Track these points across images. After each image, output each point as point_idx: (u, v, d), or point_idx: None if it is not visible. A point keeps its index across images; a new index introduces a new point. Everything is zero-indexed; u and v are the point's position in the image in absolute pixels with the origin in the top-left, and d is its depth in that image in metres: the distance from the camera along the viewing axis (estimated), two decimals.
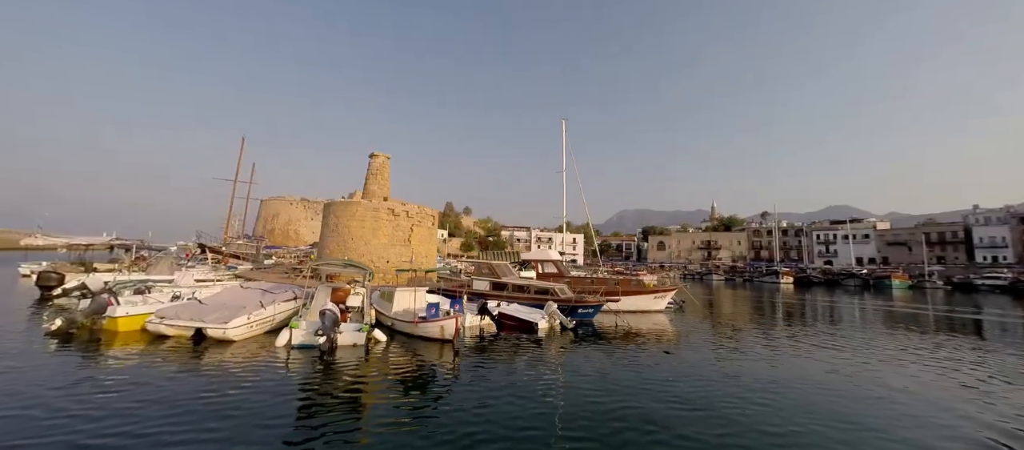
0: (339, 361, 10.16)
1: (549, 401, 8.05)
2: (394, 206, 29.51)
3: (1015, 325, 21.13)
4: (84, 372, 8.37)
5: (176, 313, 11.08)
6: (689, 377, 9.99)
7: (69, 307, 15.39)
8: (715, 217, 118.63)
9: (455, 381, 9.24)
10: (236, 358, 9.98)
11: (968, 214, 69.63)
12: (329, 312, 10.87)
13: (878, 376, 10.58)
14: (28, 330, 11.50)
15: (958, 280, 59.12)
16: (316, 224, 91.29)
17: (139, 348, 10.23)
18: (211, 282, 17.41)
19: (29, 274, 23.02)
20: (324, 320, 10.56)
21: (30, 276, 22.71)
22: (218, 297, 13.01)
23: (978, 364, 12.08)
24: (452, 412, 7.30)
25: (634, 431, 6.73)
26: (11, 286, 21.13)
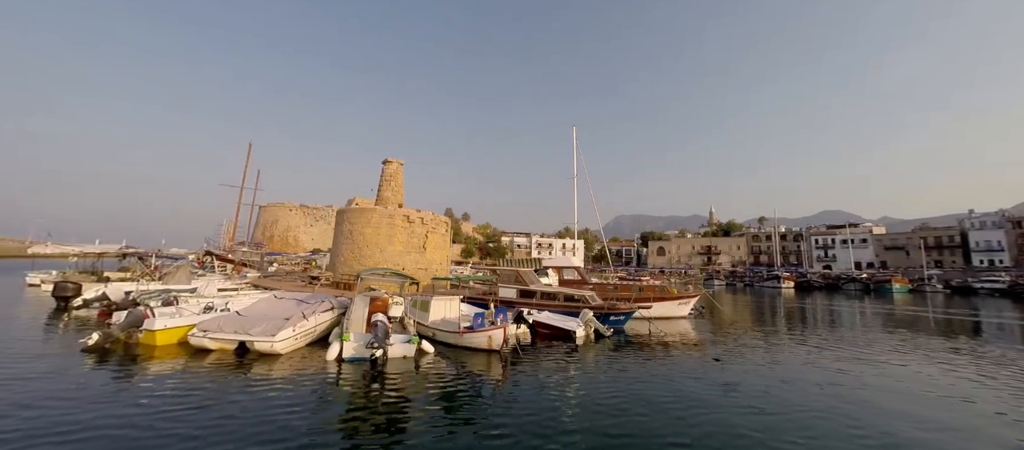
0: (390, 374, 9.85)
1: (632, 416, 7.70)
2: (409, 213, 29.19)
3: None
4: (135, 393, 7.80)
5: (218, 326, 10.66)
6: (762, 386, 9.80)
7: (97, 321, 14.93)
8: (714, 222, 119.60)
9: (510, 393, 8.92)
10: (285, 372, 9.58)
11: (964, 218, 70.93)
12: (381, 324, 10.56)
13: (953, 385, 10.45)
14: (61, 346, 10.90)
15: (957, 284, 60.02)
16: (315, 231, 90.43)
17: (181, 363, 9.75)
18: (235, 292, 16.95)
19: (38, 284, 22.26)
20: (377, 332, 10.25)
21: (39, 285, 21.95)
22: (255, 308, 12.59)
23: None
24: (517, 427, 6.96)
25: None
26: (18, 296, 20.37)
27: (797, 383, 10.20)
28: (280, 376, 9.32)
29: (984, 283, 56.30)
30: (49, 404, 7.08)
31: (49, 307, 17.05)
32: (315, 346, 11.79)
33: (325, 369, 9.97)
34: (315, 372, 9.78)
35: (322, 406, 7.69)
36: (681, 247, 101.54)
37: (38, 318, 14.77)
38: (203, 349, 10.49)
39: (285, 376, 9.35)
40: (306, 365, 10.20)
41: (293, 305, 13.24)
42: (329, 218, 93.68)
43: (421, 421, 7.21)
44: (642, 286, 23.16)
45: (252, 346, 10.24)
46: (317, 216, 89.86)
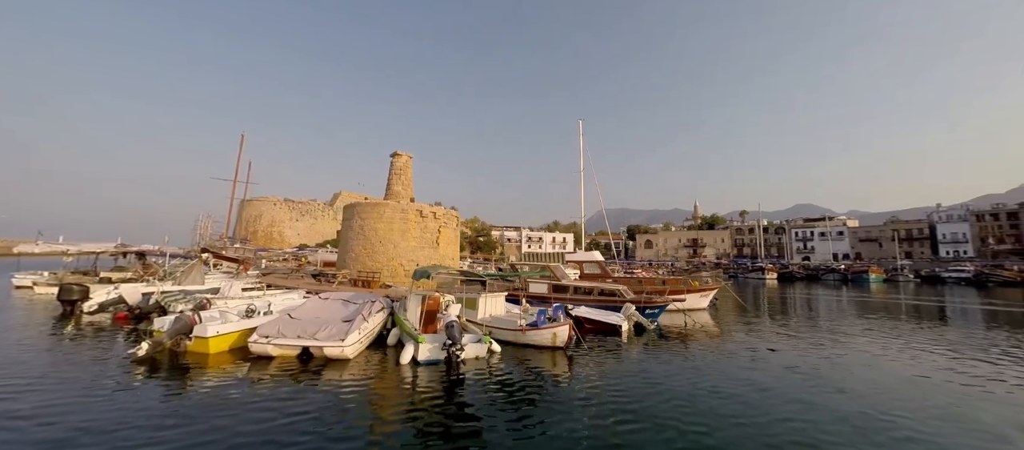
0: (467, 375, 9.57)
1: (722, 412, 7.61)
2: (422, 208, 28.54)
3: (996, 314, 22.68)
4: (231, 407, 7.07)
5: (279, 330, 10.02)
6: (832, 377, 10.01)
7: (116, 325, 13.85)
8: (698, 216, 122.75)
9: (589, 389, 8.82)
10: (359, 377, 9.11)
11: (932, 212, 75.35)
12: (455, 324, 10.22)
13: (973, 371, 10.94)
14: (100, 357, 9.93)
15: (926, 273, 63.81)
16: (301, 225, 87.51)
17: (246, 371, 9.08)
18: (260, 293, 16.11)
19: (30, 286, 20.45)
20: (453, 332, 9.91)
21: (32, 288, 20.17)
22: (304, 311, 11.93)
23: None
24: (607, 426, 6.87)
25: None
26: (6, 301, 18.70)
27: (844, 366, 10.57)
28: (356, 382, 8.86)
29: (951, 273, 59.97)
30: (145, 425, 6.42)
31: (48, 312, 15.64)
32: (370, 349, 11.33)
33: (400, 372, 9.58)
34: (390, 376, 9.38)
35: (414, 412, 7.33)
36: (668, 240, 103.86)
37: (43, 325, 13.48)
38: (264, 356, 9.85)
39: (362, 381, 8.90)
40: (377, 369, 9.76)
41: (340, 305, 12.68)
42: (315, 212, 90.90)
43: (516, 423, 6.98)
44: (665, 279, 23.46)
45: (320, 351, 9.69)
46: (303, 210, 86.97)
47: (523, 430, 6.71)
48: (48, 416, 6.56)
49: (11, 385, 7.80)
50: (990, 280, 53.90)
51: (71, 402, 7.15)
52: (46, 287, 19.86)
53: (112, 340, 11.65)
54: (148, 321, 13.81)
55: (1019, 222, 64.89)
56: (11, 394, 7.42)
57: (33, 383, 7.98)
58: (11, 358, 9.58)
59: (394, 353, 11.18)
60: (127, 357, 9.52)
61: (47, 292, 19.61)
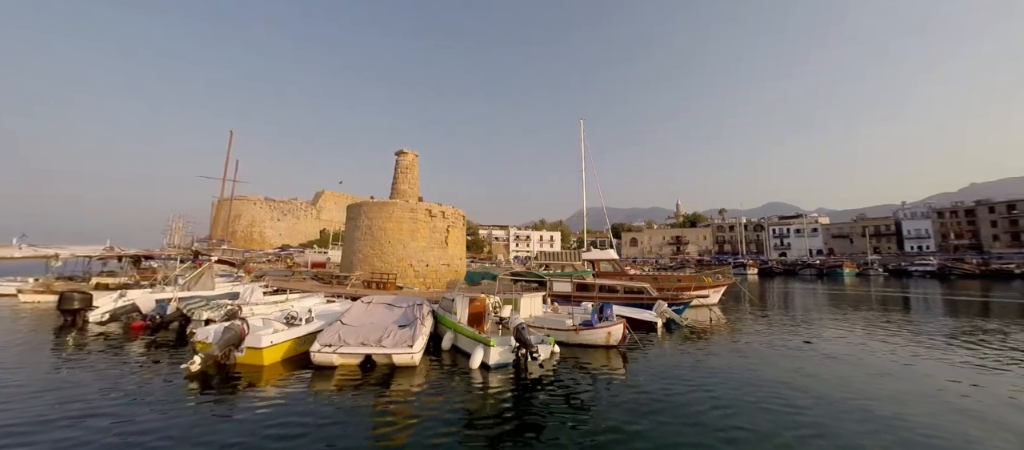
0: (536, 377, 9.41)
1: (795, 404, 7.82)
2: (431, 207, 27.97)
3: (963, 304, 24.45)
4: (318, 432, 6.43)
5: (340, 338, 9.49)
6: (875, 363, 10.37)
7: (131, 335, 12.84)
8: (680, 214, 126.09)
9: (650, 387, 8.86)
10: (433, 385, 8.72)
11: (897, 209, 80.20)
12: (523, 325, 10.01)
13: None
14: (139, 373, 9.03)
15: (893, 267, 67.79)
16: (283, 225, 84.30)
17: (310, 384, 8.57)
18: (283, 298, 15.34)
19: (15, 293, 18.57)
20: (524, 335, 9.69)
21: (15, 295, 18.34)
22: (354, 317, 11.35)
23: None
24: (678, 427, 6.92)
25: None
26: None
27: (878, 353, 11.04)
28: (434, 390, 8.50)
29: (917, 267, 63.95)
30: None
31: (43, 323, 14.28)
32: (424, 355, 10.96)
33: (470, 378, 9.28)
34: (463, 382, 9.06)
35: (506, 419, 7.12)
36: (652, 238, 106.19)
37: (47, 338, 12.24)
38: (325, 366, 9.31)
39: (438, 389, 8.54)
40: (444, 375, 9.42)
41: (386, 310, 12.21)
42: (297, 212, 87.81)
43: (601, 425, 6.93)
44: (680, 277, 23.91)
45: (388, 359, 9.25)
46: (284, 210, 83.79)
47: (617, 434, 6.63)
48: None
49: (71, 411, 6.97)
50: (952, 273, 57.81)
51: (148, 429, 6.48)
52: (33, 295, 18.18)
53: (142, 353, 10.75)
54: (165, 330, 12.92)
55: (975, 219, 69.94)
56: (72, 421, 6.66)
57: (93, 407, 7.13)
58: (49, 380, 8.51)
59: (448, 357, 10.88)
60: (178, 372, 8.77)
61: (34, 300, 17.97)
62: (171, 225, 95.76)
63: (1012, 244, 65.06)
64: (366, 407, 7.56)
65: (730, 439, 6.38)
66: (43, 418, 6.70)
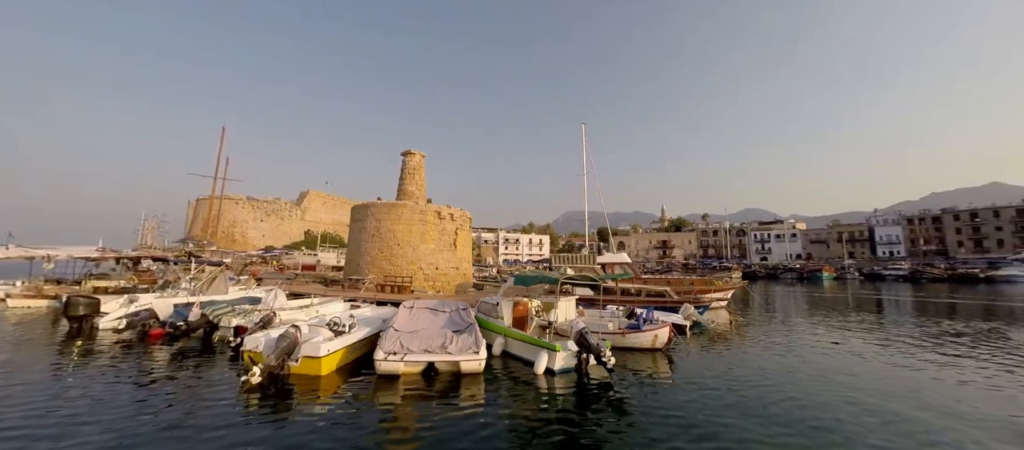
0: (600, 381, 9.33)
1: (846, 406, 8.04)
2: (440, 209, 27.54)
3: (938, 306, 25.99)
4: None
5: (402, 345, 9.12)
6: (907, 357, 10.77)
7: (148, 341, 12.01)
8: (665, 219, 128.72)
9: (703, 387, 9.01)
10: (506, 392, 8.51)
11: (870, 216, 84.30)
12: (586, 330, 9.90)
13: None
14: (206, 391, 8.07)
15: (868, 271, 71.11)
16: (266, 226, 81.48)
17: (382, 394, 8.12)
18: (308, 303, 14.70)
19: (2, 298, 17.04)
20: (586, 339, 9.58)
21: (4, 301, 16.82)
22: (403, 322, 10.91)
23: None
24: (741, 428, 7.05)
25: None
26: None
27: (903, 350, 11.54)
28: (510, 397, 8.29)
29: (890, 271, 67.24)
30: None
31: (44, 329, 13.18)
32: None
33: (537, 383, 9.11)
34: (533, 388, 8.87)
35: (595, 425, 7.06)
36: (639, 241, 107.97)
37: (63, 348, 11.36)
38: (388, 375, 8.92)
39: (514, 396, 8.34)
40: (510, 382, 9.20)
41: (430, 314, 11.86)
42: (281, 212, 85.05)
43: (680, 427, 6.97)
44: (693, 280, 24.31)
45: (455, 366, 8.95)
46: (268, 210, 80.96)
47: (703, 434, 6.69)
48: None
49: (138, 437, 6.37)
50: (923, 277, 61.08)
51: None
52: (22, 299, 16.73)
53: (174, 364, 10.03)
54: (186, 338, 12.14)
55: (942, 226, 74.27)
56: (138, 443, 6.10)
57: (159, 434, 6.53)
58: (90, 398, 7.65)
59: (499, 363, 10.65)
60: (223, 383, 8.18)
61: (23, 305, 16.58)
62: (143, 225, 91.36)
63: (975, 250, 69.38)
64: (456, 417, 7.28)
65: (828, 443, 6.46)
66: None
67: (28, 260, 19.47)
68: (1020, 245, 64.82)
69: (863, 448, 6.30)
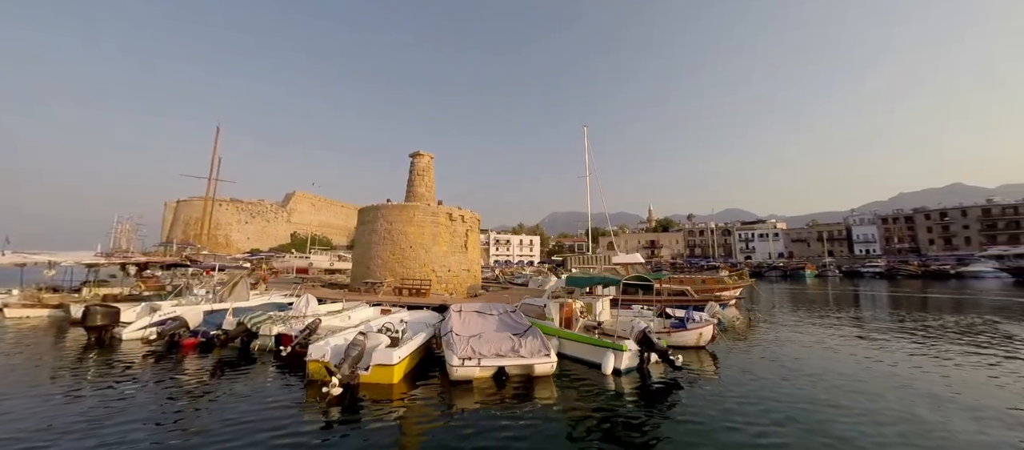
0: (661, 380, 9.42)
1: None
2: (451, 211, 27.20)
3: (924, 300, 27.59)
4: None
5: (473, 350, 8.93)
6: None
7: (182, 352, 11.39)
8: (652, 219, 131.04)
9: (750, 384, 9.24)
10: (580, 393, 8.49)
11: (848, 216, 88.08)
12: (649, 329, 9.97)
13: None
14: (277, 408, 7.54)
15: (847, 269, 74.35)
16: (251, 229, 78.78)
17: (443, 400, 7.99)
18: (339, 308, 14.26)
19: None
20: (649, 339, 9.65)
21: (1, 311, 15.54)
22: (462, 327, 10.71)
23: None
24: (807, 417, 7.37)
25: None
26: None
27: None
28: (587, 398, 8.27)
29: (868, 268, 70.42)
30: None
31: (56, 341, 12.27)
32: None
33: (605, 383, 9.12)
34: (602, 388, 8.88)
35: (684, 423, 7.12)
36: (628, 242, 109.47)
37: (91, 362, 10.52)
38: (461, 381, 8.74)
39: (588, 398, 8.27)
40: (579, 382, 9.18)
41: (479, 317, 11.69)
42: (267, 214, 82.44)
43: (754, 425, 7.10)
44: (705, 279, 24.77)
45: (530, 369, 8.83)
46: (253, 212, 78.28)
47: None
48: None
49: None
50: (899, 273, 64.22)
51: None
52: (21, 309, 15.55)
53: (218, 375, 9.51)
54: (221, 347, 11.57)
55: (914, 225, 78.29)
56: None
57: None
58: (158, 424, 6.95)
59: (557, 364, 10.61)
60: (321, 397, 7.67)
61: (22, 315, 15.40)
62: (116, 227, 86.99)
63: (945, 247, 73.37)
64: (547, 419, 7.23)
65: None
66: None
67: (20, 267, 18.23)
68: (986, 242, 68.95)
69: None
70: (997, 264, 56.39)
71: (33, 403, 7.64)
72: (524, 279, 39.36)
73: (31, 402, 7.70)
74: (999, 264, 56.13)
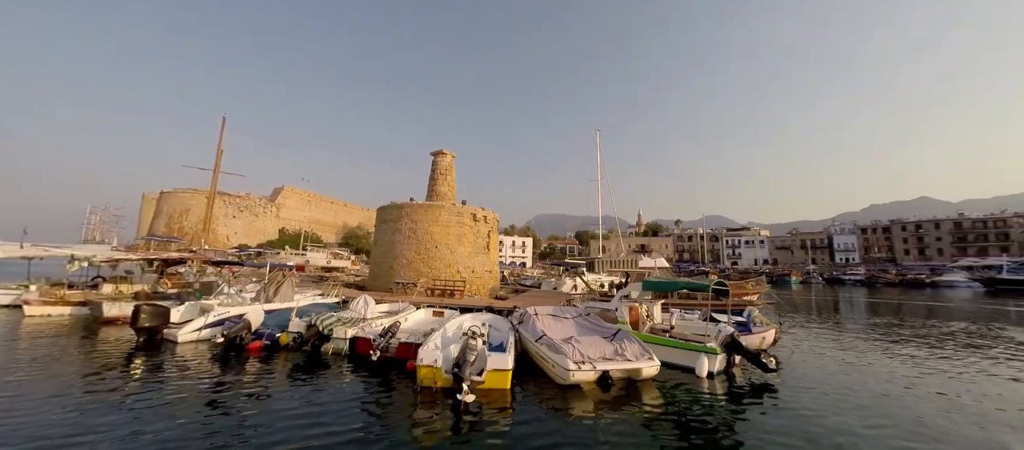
0: (756, 383, 9.58)
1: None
2: (475, 211, 26.92)
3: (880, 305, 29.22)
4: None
5: (582, 354, 8.82)
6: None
7: (248, 354, 10.82)
8: (641, 224, 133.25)
9: (814, 386, 9.57)
10: (689, 399, 8.53)
11: (829, 226, 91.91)
12: (736, 333, 10.12)
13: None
14: (410, 419, 7.22)
15: (828, 276, 77.55)
16: (239, 223, 75.88)
17: (561, 405, 7.88)
18: (399, 311, 13.85)
19: (16, 305, 14.35)
20: (738, 342, 9.81)
21: (19, 308, 14.21)
22: (552, 330, 10.58)
23: None
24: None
25: None
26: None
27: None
28: (687, 400, 8.32)
29: (849, 276, 73.53)
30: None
31: (87, 344, 11.41)
32: None
33: (700, 385, 9.23)
34: (702, 391, 8.96)
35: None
36: (619, 246, 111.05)
37: (124, 367, 9.71)
38: (573, 385, 8.61)
39: (693, 401, 8.34)
40: (675, 385, 9.22)
41: (554, 320, 11.59)
42: (255, 209, 79.62)
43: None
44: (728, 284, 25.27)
45: (638, 372, 8.79)
46: (240, 206, 75.42)
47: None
48: None
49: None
50: (878, 281, 67.39)
51: None
52: (42, 307, 14.33)
53: (311, 382, 8.93)
54: (288, 350, 11.03)
55: (891, 236, 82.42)
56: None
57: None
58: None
59: None
60: (460, 406, 7.33)
61: (43, 313, 14.24)
62: (88, 219, 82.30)
63: (919, 257, 77.50)
64: (678, 421, 7.26)
65: None
66: None
67: (26, 260, 16.94)
68: (957, 254, 73.25)
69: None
70: (968, 274, 59.91)
71: (119, 418, 6.78)
72: (532, 281, 39.07)
73: (116, 416, 6.87)
74: (970, 275, 59.66)
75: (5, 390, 7.82)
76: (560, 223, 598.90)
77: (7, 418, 6.62)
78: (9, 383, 8.23)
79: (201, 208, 70.10)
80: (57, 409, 7.01)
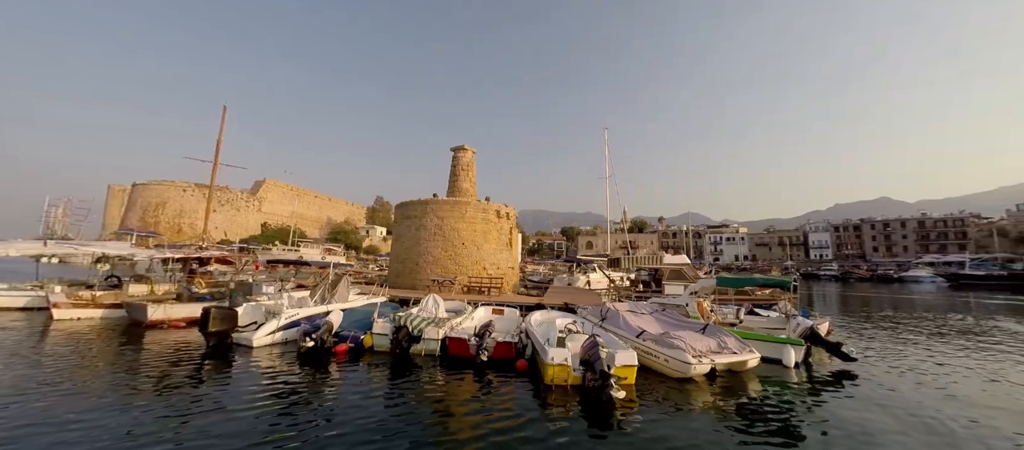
0: (831, 373, 10.08)
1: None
2: (499, 208, 26.76)
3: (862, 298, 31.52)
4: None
5: (694, 348, 9.01)
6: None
7: (336, 359, 10.40)
8: (627, 220, 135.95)
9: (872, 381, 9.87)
10: (793, 390, 8.92)
11: (805, 223, 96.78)
12: (814, 326, 10.61)
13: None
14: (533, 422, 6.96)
15: (805, 272, 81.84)
16: (220, 217, 72.10)
17: (679, 399, 8.08)
18: (467, 310, 13.64)
19: (44, 307, 13.01)
20: (817, 335, 10.36)
21: (46, 310, 12.88)
22: (652, 326, 10.73)
23: None
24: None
25: None
26: (26, 335, 11.96)
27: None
28: (797, 392, 8.67)
29: (824, 272, 77.88)
30: None
31: (145, 352, 10.57)
32: None
33: (786, 376, 9.64)
34: (793, 381, 9.37)
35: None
36: (606, 242, 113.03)
37: (214, 377, 9.20)
38: (686, 378, 8.81)
39: (799, 391, 8.71)
40: (771, 376, 9.58)
41: (633, 315, 11.76)
42: (237, 202, 76.01)
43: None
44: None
45: (743, 364, 9.09)
46: (221, 199, 71.74)
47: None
48: None
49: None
50: (851, 277, 71.68)
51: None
52: (72, 309, 13.10)
53: (424, 388, 8.60)
54: (371, 353, 10.65)
55: (861, 233, 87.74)
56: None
57: None
58: None
59: None
60: (614, 405, 7.31)
61: (74, 317, 13.03)
62: (48, 212, 76.52)
63: (887, 254, 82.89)
64: (796, 413, 7.49)
65: None
66: None
67: (35, 259, 15.57)
68: (920, 251, 78.79)
69: None
70: (932, 270, 64.65)
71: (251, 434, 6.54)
72: (539, 277, 39.03)
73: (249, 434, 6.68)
74: (933, 270, 64.40)
75: (109, 410, 7.07)
76: (542, 219, 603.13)
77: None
78: (106, 403, 7.25)
79: (178, 201, 66.45)
80: (194, 433, 6.34)
